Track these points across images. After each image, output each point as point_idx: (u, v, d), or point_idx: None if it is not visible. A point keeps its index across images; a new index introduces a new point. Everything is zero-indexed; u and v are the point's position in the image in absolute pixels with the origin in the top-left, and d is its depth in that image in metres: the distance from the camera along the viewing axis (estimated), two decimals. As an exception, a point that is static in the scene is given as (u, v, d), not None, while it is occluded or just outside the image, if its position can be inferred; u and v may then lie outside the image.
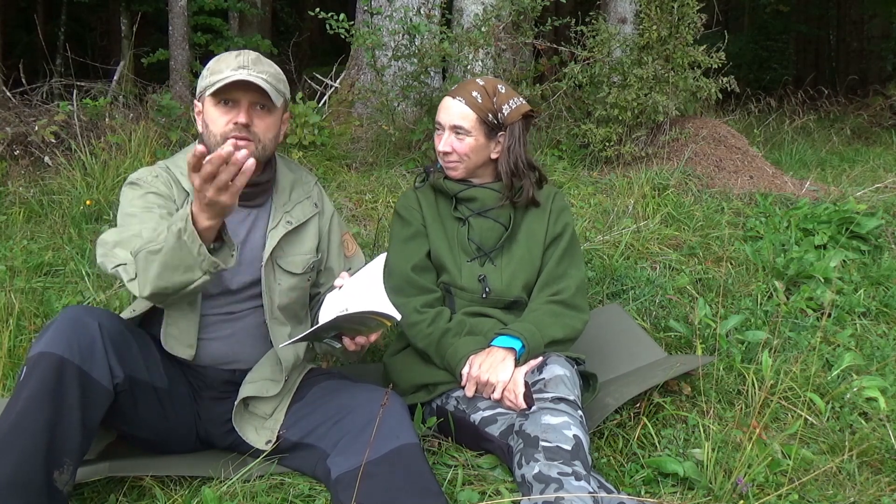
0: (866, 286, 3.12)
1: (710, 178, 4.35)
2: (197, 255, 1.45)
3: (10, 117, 4.28)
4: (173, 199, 1.75)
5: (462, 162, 2.07)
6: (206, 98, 1.73)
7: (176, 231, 1.44)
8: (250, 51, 1.77)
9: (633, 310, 2.78)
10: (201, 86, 1.75)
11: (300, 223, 1.85)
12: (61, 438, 1.46)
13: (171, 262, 1.47)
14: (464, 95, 2.04)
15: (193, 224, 1.43)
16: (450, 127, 2.05)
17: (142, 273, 1.54)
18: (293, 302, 1.85)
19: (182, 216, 1.45)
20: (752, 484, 1.78)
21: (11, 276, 2.82)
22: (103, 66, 6.44)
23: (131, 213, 1.71)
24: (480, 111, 2.03)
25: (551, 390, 1.76)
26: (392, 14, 4.55)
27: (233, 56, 1.74)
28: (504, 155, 2.07)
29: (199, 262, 1.46)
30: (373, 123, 4.94)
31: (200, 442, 1.84)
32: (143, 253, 1.52)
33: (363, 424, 1.63)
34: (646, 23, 4.38)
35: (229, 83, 1.67)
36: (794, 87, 8.42)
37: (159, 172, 1.79)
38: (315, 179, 1.98)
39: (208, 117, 1.73)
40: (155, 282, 1.51)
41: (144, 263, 1.52)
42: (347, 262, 1.97)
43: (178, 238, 1.44)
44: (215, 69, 1.72)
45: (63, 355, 1.47)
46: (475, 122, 2.03)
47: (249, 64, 1.72)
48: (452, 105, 2.05)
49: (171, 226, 1.47)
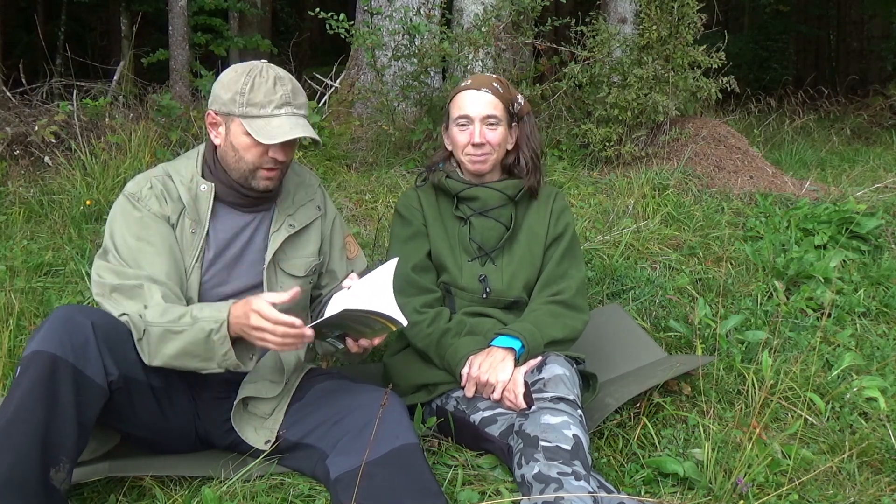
0: (866, 286, 3.12)
1: (710, 178, 4.35)
2: (222, 357, 1.56)
3: (10, 117, 4.28)
4: (167, 218, 1.72)
5: (493, 153, 2.07)
6: (238, 120, 1.69)
7: (207, 330, 1.54)
8: (283, 74, 1.71)
9: (633, 310, 2.78)
10: (228, 103, 1.68)
11: (303, 226, 1.86)
12: (57, 436, 1.46)
13: (192, 351, 1.57)
14: (487, 86, 2.05)
15: (227, 330, 1.54)
16: (481, 118, 2.04)
17: (154, 346, 1.58)
18: (295, 305, 1.84)
19: (215, 318, 1.54)
20: (752, 484, 1.78)
21: (11, 276, 2.82)
22: (103, 66, 6.43)
23: (126, 243, 1.68)
24: (505, 100, 2.06)
25: (551, 390, 1.76)
26: (392, 14, 4.55)
27: (271, 83, 1.67)
28: (525, 142, 2.10)
29: (220, 361, 1.57)
30: (373, 123, 4.94)
31: (200, 441, 1.84)
32: (161, 330, 1.57)
33: (362, 425, 1.63)
34: (646, 23, 4.38)
35: (283, 142, 1.66)
36: (794, 87, 8.42)
37: (154, 183, 1.75)
38: (319, 182, 1.98)
39: (238, 142, 1.70)
40: (169, 361, 1.59)
41: (160, 339, 1.57)
42: (350, 264, 1.97)
43: (208, 336, 1.54)
44: (254, 99, 1.66)
45: (56, 353, 1.47)
46: (503, 111, 2.06)
47: (291, 97, 1.69)
48: (479, 97, 2.04)
49: (202, 320, 1.54)
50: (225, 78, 1.72)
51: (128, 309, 1.61)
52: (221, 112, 1.71)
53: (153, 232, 1.70)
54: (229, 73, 1.73)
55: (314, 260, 1.87)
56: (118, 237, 1.69)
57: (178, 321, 1.57)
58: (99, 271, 1.68)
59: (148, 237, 1.69)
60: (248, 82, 1.68)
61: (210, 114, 1.74)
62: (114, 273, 1.65)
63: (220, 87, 1.71)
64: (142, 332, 1.60)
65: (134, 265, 1.66)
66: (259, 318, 1.50)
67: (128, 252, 1.67)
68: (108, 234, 1.71)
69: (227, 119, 1.71)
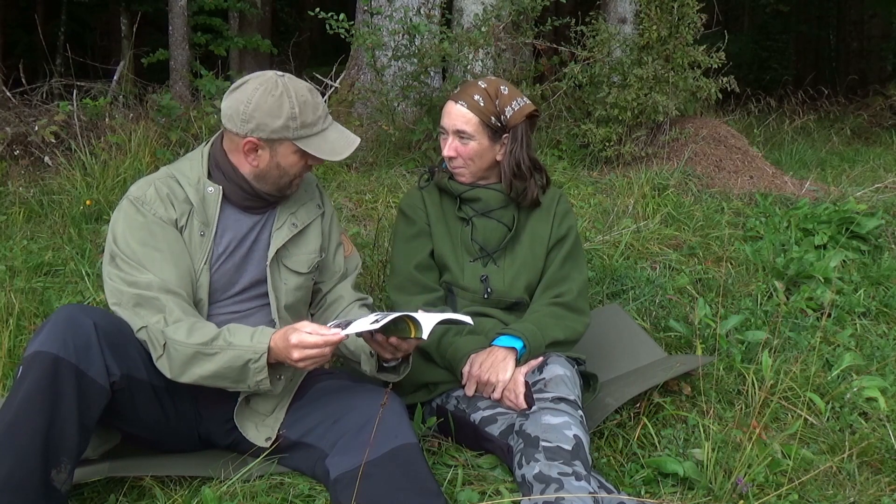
0: (866, 286, 3.12)
1: (710, 178, 4.35)
2: (256, 382, 1.61)
3: (10, 117, 4.28)
4: (174, 221, 1.72)
5: (467, 167, 2.06)
6: (288, 143, 1.70)
7: (245, 359, 1.58)
8: (300, 83, 1.73)
9: (633, 310, 2.78)
10: (281, 129, 1.68)
11: (305, 225, 1.86)
12: (58, 437, 1.46)
13: (225, 375, 1.60)
14: (466, 99, 2.02)
15: (267, 360, 1.58)
16: (453, 131, 2.03)
17: (182, 365, 1.60)
18: (298, 301, 1.87)
19: (255, 349, 1.57)
20: (752, 484, 1.78)
21: (11, 276, 2.82)
22: (103, 66, 6.43)
23: (131, 248, 1.67)
24: (483, 114, 2.01)
25: (552, 390, 1.76)
26: (392, 14, 4.55)
27: (309, 97, 1.70)
28: (506, 157, 2.06)
29: (253, 385, 1.61)
30: (373, 123, 4.94)
31: (201, 441, 1.84)
32: (191, 351, 1.58)
33: (361, 424, 1.63)
34: (646, 23, 4.38)
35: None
36: (794, 87, 8.41)
37: (159, 186, 1.74)
38: (316, 180, 1.98)
39: (287, 161, 1.73)
40: (199, 380, 1.62)
41: (190, 360, 1.59)
42: (347, 262, 1.98)
43: (245, 364, 1.58)
44: (307, 121, 1.69)
45: (58, 354, 1.47)
46: (478, 126, 2.02)
47: (326, 108, 1.75)
48: (454, 109, 2.03)
49: (238, 348, 1.58)
50: (262, 104, 1.67)
51: (148, 321, 1.62)
52: (269, 139, 1.70)
53: (160, 237, 1.69)
54: (262, 97, 1.67)
55: (316, 256, 1.88)
56: (122, 242, 1.68)
57: (211, 344, 1.58)
58: (111, 278, 1.68)
59: (154, 243, 1.69)
60: (293, 105, 1.68)
61: (251, 141, 1.70)
62: (127, 282, 1.65)
63: (262, 114, 1.67)
64: (162, 349, 1.61)
65: (143, 272, 1.65)
66: (302, 351, 1.54)
67: (134, 258, 1.67)
68: (111, 239, 1.70)
69: (275, 143, 1.71)
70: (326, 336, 1.53)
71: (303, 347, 1.53)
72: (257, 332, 1.61)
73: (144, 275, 1.65)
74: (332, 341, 1.54)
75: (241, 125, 1.69)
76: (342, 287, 1.95)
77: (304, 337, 1.54)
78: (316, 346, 1.53)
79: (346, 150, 1.73)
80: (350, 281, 1.97)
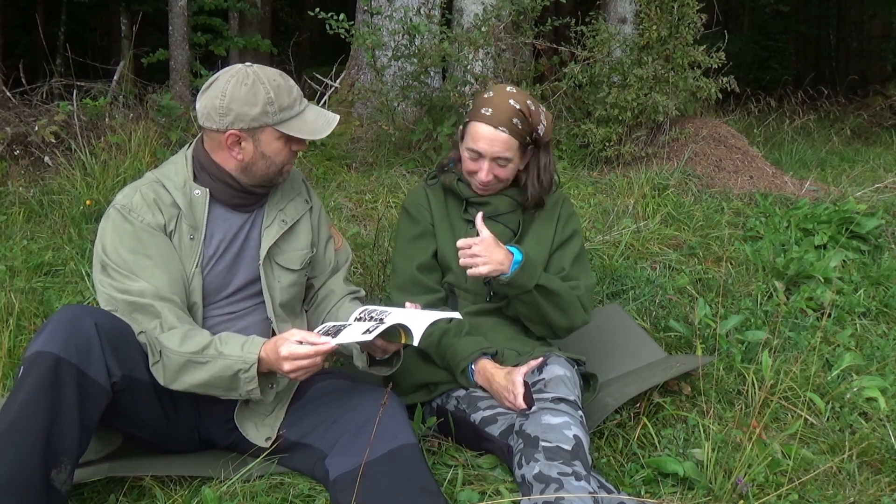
0: (866, 286, 3.12)
1: (710, 178, 4.35)
2: (247, 391, 1.62)
3: (10, 117, 4.28)
4: (162, 227, 1.71)
5: (502, 184, 2.05)
6: (270, 129, 1.70)
7: (235, 369, 1.59)
8: (270, 69, 1.74)
9: (633, 310, 2.78)
10: (260, 116, 1.67)
11: (294, 221, 1.86)
12: (59, 437, 1.46)
13: (216, 384, 1.62)
14: (506, 125, 1.95)
15: (257, 371, 1.59)
16: (492, 158, 1.98)
17: (174, 373, 1.61)
18: (293, 298, 1.87)
19: (245, 359, 1.58)
20: (752, 484, 1.78)
21: (11, 276, 2.82)
22: (103, 66, 6.43)
23: (121, 256, 1.66)
24: (521, 137, 1.98)
25: (551, 390, 1.76)
26: (392, 14, 4.55)
27: (282, 81, 1.71)
28: (536, 171, 2.04)
29: (244, 393, 1.63)
30: (373, 123, 4.94)
31: (201, 441, 1.85)
32: (182, 359, 1.59)
33: (361, 425, 1.63)
34: (646, 23, 4.38)
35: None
36: (794, 87, 8.40)
37: (145, 192, 1.73)
38: (302, 175, 1.98)
39: (270, 149, 1.73)
40: (191, 388, 1.63)
41: (181, 368, 1.60)
42: (337, 255, 1.97)
43: (235, 374, 1.59)
44: (284, 104, 1.69)
45: (60, 354, 1.47)
46: (517, 148, 1.99)
47: (299, 90, 1.76)
48: (496, 137, 1.95)
49: (228, 357, 1.59)
50: (237, 94, 1.67)
51: (145, 327, 1.64)
52: (250, 128, 1.69)
53: (149, 244, 1.69)
54: (235, 88, 1.67)
55: (307, 252, 1.88)
56: (111, 252, 1.67)
57: (202, 353, 1.59)
58: (103, 286, 1.68)
59: (144, 251, 1.68)
60: (267, 90, 1.68)
61: (232, 133, 1.69)
62: (120, 290, 1.65)
63: (239, 104, 1.66)
64: (158, 356, 1.62)
65: (135, 280, 1.66)
66: (292, 362, 1.54)
67: (125, 267, 1.67)
68: (100, 249, 1.69)
69: (256, 132, 1.70)
70: (317, 346, 1.54)
71: (293, 359, 1.54)
72: (248, 342, 1.62)
73: (137, 283, 1.65)
74: (323, 351, 1.55)
75: (219, 120, 1.68)
76: (333, 281, 1.96)
77: (294, 349, 1.54)
78: (307, 356, 1.54)
79: (327, 129, 1.74)
80: (342, 274, 1.97)
